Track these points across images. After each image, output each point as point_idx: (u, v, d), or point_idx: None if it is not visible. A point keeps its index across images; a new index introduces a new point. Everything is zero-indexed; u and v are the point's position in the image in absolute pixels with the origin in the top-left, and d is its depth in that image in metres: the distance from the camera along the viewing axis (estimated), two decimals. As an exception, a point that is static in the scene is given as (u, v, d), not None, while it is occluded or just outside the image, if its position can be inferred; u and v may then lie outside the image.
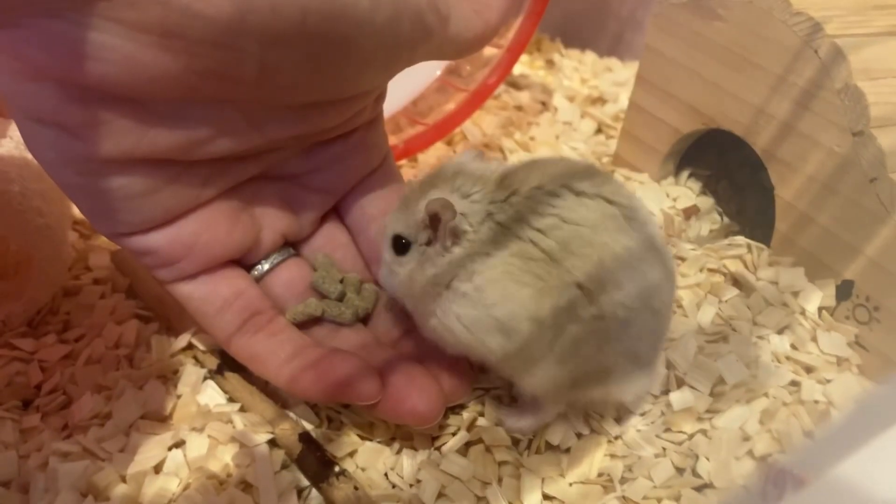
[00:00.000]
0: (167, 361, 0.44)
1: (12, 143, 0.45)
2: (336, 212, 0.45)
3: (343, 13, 0.32)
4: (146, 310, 0.49)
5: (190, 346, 0.45)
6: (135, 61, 0.29)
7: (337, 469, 0.37)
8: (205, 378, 0.43)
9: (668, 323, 0.40)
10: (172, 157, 0.35)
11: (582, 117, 0.73)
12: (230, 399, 0.42)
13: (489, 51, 0.68)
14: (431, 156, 0.66)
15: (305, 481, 0.38)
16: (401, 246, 0.37)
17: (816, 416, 0.41)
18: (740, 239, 0.53)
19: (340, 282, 0.42)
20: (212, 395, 0.42)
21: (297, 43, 0.32)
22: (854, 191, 0.45)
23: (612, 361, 0.37)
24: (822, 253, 0.48)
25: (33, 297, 0.47)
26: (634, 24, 0.98)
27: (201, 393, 0.43)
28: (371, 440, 0.40)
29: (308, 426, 0.41)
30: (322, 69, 0.34)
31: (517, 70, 0.82)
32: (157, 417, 0.41)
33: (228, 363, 0.43)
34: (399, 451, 0.40)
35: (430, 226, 0.35)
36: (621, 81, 0.80)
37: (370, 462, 0.39)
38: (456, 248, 0.35)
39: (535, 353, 0.35)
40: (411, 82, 0.66)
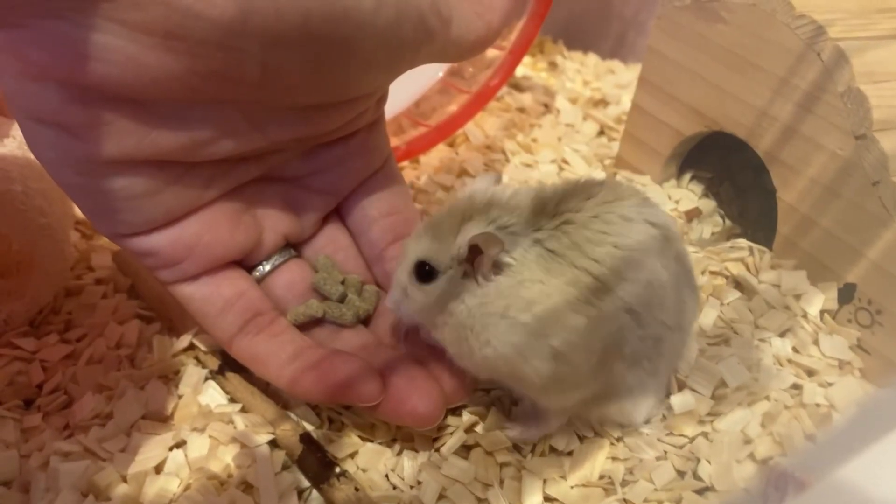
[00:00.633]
0: (168, 362, 0.44)
1: (15, 142, 0.45)
2: (338, 213, 0.45)
3: (345, 15, 0.32)
4: (148, 310, 0.49)
5: (191, 347, 0.45)
6: (137, 62, 0.29)
7: (338, 470, 0.37)
8: (206, 378, 0.43)
9: (689, 338, 0.41)
10: (174, 159, 0.35)
11: (584, 119, 0.73)
12: (231, 399, 0.42)
13: (492, 52, 0.68)
14: (433, 157, 0.66)
15: (306, 482, 0.38)
16: (425, 273, 0.36)
17: (818, 420, 0.41)
18: (742, 242, 0.53)
19: (342, 283, 0.42)
20: (213, 395, 0.42)
21: (300, 45, 0.32)
22: (856, 194, 0.45)
23: (637, 380, 0.38)
24: (825, 256, 0.48)
25: (35, 296, 0.47)
26: (637, 26, 0.98)
27: (202, 393, 0.43)
28: (372, 441, 0.40)
29: (309, 427, 0.41)
30: (324, 71, 0.34)
31: (520, 72, 0.82)
32: (159, 417, 0.41)
33: (230, 364, 0.43)
34: (400, 453, 0.40)
35: (469, 260, 0.34)
36: (624, 84, 0.80)
37: (371, 463, 0.39)
38: (501, 277, 0.34)
39: (577, 379, 0.36)
40: (413, 84, 0.66)
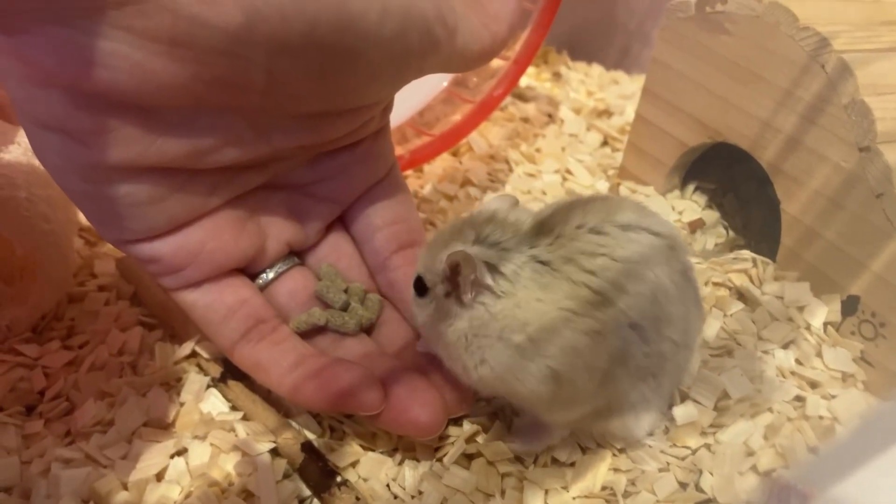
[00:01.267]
0: (170, 369, 0.44)
1: (20, 149, 0.46)
2: (342, 221, 0.45)
3: (351, 25, 0.32)
4: (150, 317, 0.49)
5: (193, 354, 0.45)
6: (143, 69, 0.29)
7: (339, 479, 0.37)
8: (208, 386, 0.43)
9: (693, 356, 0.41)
10: (179, 166, 0.35)
11: (588, 129, 0.73)
12: (233, 407, 0.42)
13: (496, 63, 0.68)
14: (437, 166, 0.66)
15: (307, 491, 0.38)
16: (421, 287, 0.36)
17: (821, 432, 0.41)
18: (745, 253, 0.53)
19: (345, 291, 0.42)
20: (215, 403, 0.42)
21: (306, 53, 0.32)
22: (860, 206, 0.45)
23: (641, 396, 0.37)
24: (828, 268, 0.48)
25: (38, 302, 0.47)
26: (642, 37, 0.99)
27: (204, 401, 0.43)
28: (373, 451, 0.40)
29: (310, 436, 0.41)
30: (330, 80, 0.34)
31: (524, 82, 0.82)
32: (160, 425, 0.41)
33: (232, 371, 0.43)
34: (401, 462, 0.40)
35: (450, 280, 0.34)
36: (628, 94, 0.80)
37: (372, 473, 0.39)
38: (493, 299, 0.33)
39: (579, 397, 0.35)
40: (418, 93, 0.66)
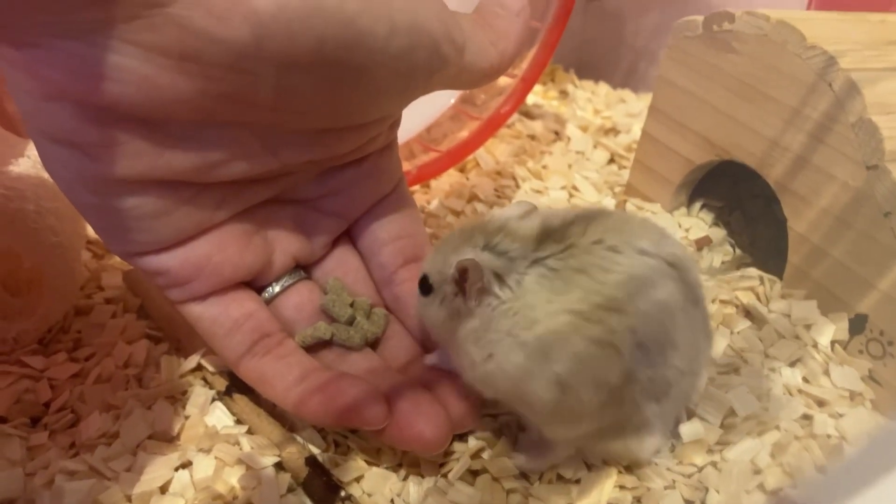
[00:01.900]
0: (176, 382, 0.44)
1: (29, 161, 0.46)
2: (348, 236, 0.45)
3: (359, 42, 0.32)
4: (157, 330, 0.49)
5: (199, 368, 0.45)
6: (151, 83, 0.30)
7: (343, 494, 0.37)
8: (213, 399, 0.43)
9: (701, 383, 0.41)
10: (187, 179, 0.35)
11: (595, 147, 0.73)
12: (238, 421, 0.42)
13: (503, 80, 0.69)
14: (444, 182, 0.66)
15: (311, 506, 0.38)
16: (426, 286, 0.37)
17: (828, 451, 0.41)
18: (752, 271, 0.53)
19: (350, 305, 0.42)
20: (220, 416, 0.42)
21: (314, 70, 0.32)
22: (868, 225, 0.45)
23: (644, 420, 0.37)
24: (836, 286, 0.48)
25: (45, 314, 0.47)
26: (648, 56, 0.99)
27: (209, 414, 0.42)
28: (378, 466, 0.40)
29: (315, 450, 0.40)
30: (337, 96, 0.34)
31: (531, 100, 0.83)
32: (165, 438, 0.41)
33: (237, 385, 0.43)
34: (406, 478, 0.39)
35: (458, 282, 0.35)
36: (634, 113, 0.80)
37: (376, 488, 0.39)
38: (499, 301, 0.34)
39: (583, 412, 0.35)
40: (425, 110, 0.66)
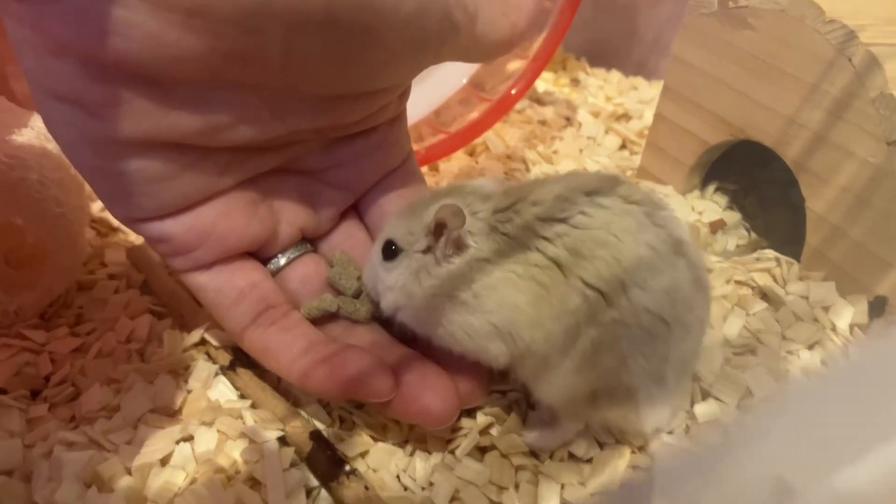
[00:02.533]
0: (179, 356, 0.43)
1: (33, 132, 0.45)
2: (355, 209, 0.44)
3: (369, 3, 0.31)
4: (160, 306, 0.48)
5: (203, 342, 0.44)
6: (158, 40, 0.29)
7: (347, 468, 0.36)
8: (216, 374, 0.42)
9: (699, 348, 0.39)
10: (192, 142, 0.34)
11: (606, 133, 0.72)
12: (241, 395, 0.41)
13: (514, 65, 0.68)
14: (454, 165, 0.66)
15: (315, 481, 0.37)
16: (389, 251, 0.37)
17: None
18: (769, 252, 0.51)
19: (357, 279, 0.41)
20: (223, 390, 0.41)
21: (323, 30, 0.31)
22: (888, 203, 0.44)
23: (634, 380, 0.36)
24: (855, 268, 0.47)
25: (47, 288, 0.46)
26: (660, 49, 0.98)
27: (212, 388, 0.42)
28: (384, 441, 0.39)
29: (320, 425, 0.39)
30: (347, 59, 0.33)
31: (542, 87, 0.82)
32: (167, 412, 0.40)
33: (241, 359, 0.42)
34: (412, 454, 0.39)
35: (435, 232, 0.35)
36: (647, 100, 0.79)
37: (382, 463, 0.38)
38: (455, 260, 0.35)
39: (547, 359, 0.34)
40: (435, 93, 0.66)
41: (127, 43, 0.29)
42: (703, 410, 0.40)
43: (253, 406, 0.40)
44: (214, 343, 0.44)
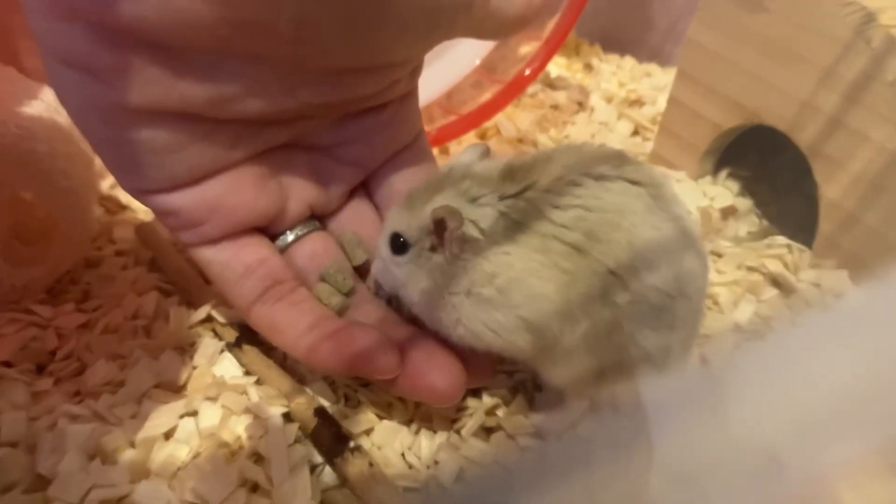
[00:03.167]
0: (185, 333, 0.43)
1: (42, 105, 0.45)
2: (365, 188, 0.44)
3: None
4: (168, 283, 0.48)
5: (209, 319, 0.44)
6: (169, 5, 0.29)
7: (352, 444, 0.36)
8: (222, 350, 0.42)
9: (701, 318, 0.38)
10: (201, 113, 0.34)
11: (619, 118, 0.72)
12: (247, 372, 0.41)
13: (526, 48, 0.67)
14: (464, 147, 0.65)
15: (319, 458, 0.37)
16: (398, 245, 0.36)
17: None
18: (781, 239, 0.51)
19: (365, 261, 0.41)
20: (228, 367, 0.41)
21: (335, 0, 0.31)
22: (905, 189, 0.43)
23: (642, 353, 0.35)
24: (868, 255, 0.46)
25: (56, 263, 0.46)
26: (675, 37, 0.97)
27: (217, 365, 0.41)
28: (389, 419, 0.39)
29: (325, 402, 0.39)
30: (358, 31, 0.33)
31: (555, 72, 0.81)
32: (172, 387, 0.40)
33: (247, 336, 0.42)
34: (417, 432, 0.38)
35: (436, 233, 0.34)
36: (660, 86, 0.78)
37: (387, 441, 0.38)
38: (467, 255, 0.34)
39: (567, 345, 0.34)
40: (446, 75, 0.65)
41: (138, 8, 0.29)
42: (712, 395, 0.39)
43: (258, 382, 0.40)
44: (221, 320, 0.44)
